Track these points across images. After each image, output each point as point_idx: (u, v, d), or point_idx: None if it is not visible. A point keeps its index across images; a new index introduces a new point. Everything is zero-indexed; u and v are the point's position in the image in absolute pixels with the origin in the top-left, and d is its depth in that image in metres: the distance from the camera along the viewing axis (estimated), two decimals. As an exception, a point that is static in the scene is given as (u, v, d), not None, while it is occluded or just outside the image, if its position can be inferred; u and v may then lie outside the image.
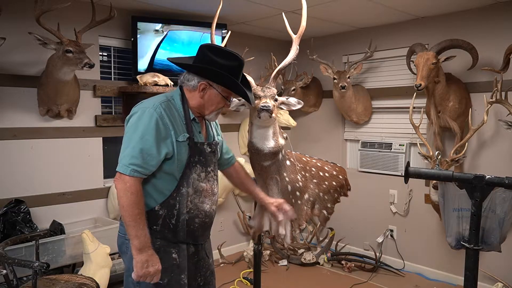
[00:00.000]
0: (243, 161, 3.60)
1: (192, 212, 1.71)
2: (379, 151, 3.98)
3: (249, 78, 1.79)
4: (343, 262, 3.87)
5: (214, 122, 1.91)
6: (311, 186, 2.09)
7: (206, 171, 1.74)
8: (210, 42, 2.00)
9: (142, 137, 1.59)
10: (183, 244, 1.72)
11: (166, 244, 1.69)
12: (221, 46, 1.79)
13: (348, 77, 3.71)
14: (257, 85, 1.80)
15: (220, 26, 3.59)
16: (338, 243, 4.10)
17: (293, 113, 4.15)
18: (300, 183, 1.99)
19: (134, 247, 1.58)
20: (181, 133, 1.66)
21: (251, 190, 2.00)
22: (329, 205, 2.19)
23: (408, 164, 1.77)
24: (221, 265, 3.91)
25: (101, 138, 3.32)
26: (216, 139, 1.85)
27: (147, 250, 1.59)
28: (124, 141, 1.63)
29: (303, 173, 2.05)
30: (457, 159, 3.08)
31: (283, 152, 1.91)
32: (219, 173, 1.91)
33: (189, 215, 1.70)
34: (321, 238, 4.17)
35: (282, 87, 4.09)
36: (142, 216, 1.59)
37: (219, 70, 1.64)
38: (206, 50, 1.68)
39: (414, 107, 3.23)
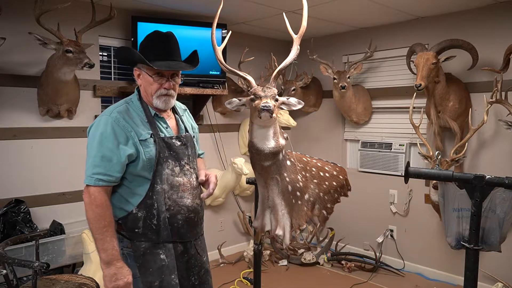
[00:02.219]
0: (243, 161, 3.60)
1: (172, 209, 1.67)
2: (379, 151, 3.98)
3: (249, 77, 1.79)
4: (343, 262, 3.87)
5: (187, 115, 1.92)
6: (312, 186, 2.09)
7: (180, 165, 1.71)
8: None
9: (101, 144, 1.59)
10: (168, 244, 1.67)
11: (151, 246, 1.65)
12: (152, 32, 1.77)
13: (348, 77, 3.71)
14: (258, 85, 1.80)
15: (220, 26, 3.60)
16: (338, 243, 4.10)
17: (293, 113, 4.16)
18: (301, 183, 1.99)
19: (102, 260, 1.56)
20: (143, 131, 1.65)
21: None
22: (329, 205, 2.19)
23: (408, 164, 1.77)
24: (221, 265, 3.91)
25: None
26: (190, 132, 1.84)
27: (115, 263, 1.56)
28: (87, 153, 1.64)
29: (303, 173, 2.05)
30: (457, 159, 3.08)
31: (283, 152, 1.90)
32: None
33: (170, 213, 1.67)
34: (321, 238, 4.17)
35: (282, 87, 4.09)
36: (109, 228, 1.56)
37: (137, 51, 1.67)
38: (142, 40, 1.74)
39: (414, 107, 3.23)
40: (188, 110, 2.00)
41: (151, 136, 1.66)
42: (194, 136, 1.86)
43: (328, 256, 3.97)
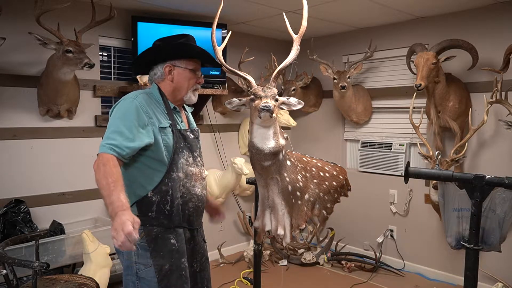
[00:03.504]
0: (243, 161, 3.60)
1: (185, 196, 1.75)
2: (379, 151, 3.98)
3: (249, 77, 1.79)
4: (343, 262, 3.87)
5: (190, 113, 2.00)
6: (312, 186, 2.09)
7: (193, 156, 1.80)
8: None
9: (122, 122, 1.61)
10: (179, 229, 1.75)
11: (163, 231, 1.71)
12: (169, 36, 1.87)
13: (348, 77, 3.71)
14: (258, 85, 1.80)
15: (220, 26, 3.60)
16: (338, 243, 4.10)
17: (293, 113, 4.16)
18: (301, 183, 1.99)
19: (110, 214, 1.46)
20: (163, 120, 1.72)
21: None
22: (328, 205, 2.19)
23: (408, 164, 1.77)
24: (221, 265, 3.91)
25: (101, 138, 3.31)
26: (198, 128, 1.94)
27: (122, 211, 1.41)
28: (106, 129, 1.65)
29: (303, 173, 2.05)
30: (457, 159, 3.08)
31: (283, 152, 1.91)
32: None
33: (183, 200, 1.74)
34: (321, 238, 4.17)
35: (282, 87, 4.09)
36: (118, 182, 1.49)
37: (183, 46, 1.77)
38: (157, 41, 1.82)
39: (414, 107, 3.24)
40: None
41: (169, 126, 1.73)
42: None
43: (328, 256, 3.97)
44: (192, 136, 1.83)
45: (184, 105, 1.94)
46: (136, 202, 1.70)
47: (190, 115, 1.99)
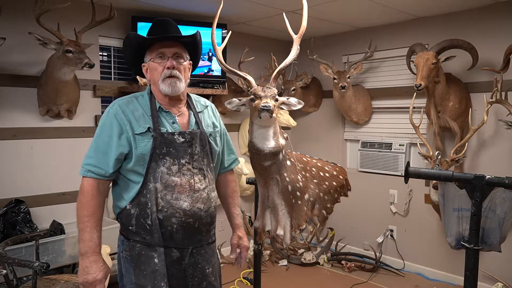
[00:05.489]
0: (243, 161, 3.60)
1: (166, 210, 1.56)
2: (379, 151, 3.98)
3: (249, 77, 1.78)
4: (343, 262, 3.87)
5: (211, 113, 1.82)
6: (312, 186, 2.09)
7: (179, 164, 1.59)
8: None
9: (98, 136, 1.59)
10: (160, 248, 1.56)
11: (146, 248, 1.57)
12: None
13: (348, 77, 3.71)
14: (258, 85, 1.80)
15: (220, 26, 3.59)
16: (338, 243, 4.10)
17: (293, 113, 4.16)
18: (301, 183, 1.99)
19: (79, 252, 1.53)
20: (142, 125, 1.59)
21: (231, 211, 1.94)
22: (328, 205, 2.19)
23: (408, 164, 1.77)
24: (221, 265, 3.90)
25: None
26: (202, 129, 1.70)
27: (89, 256, 1.51)
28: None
29: (303, 173, 2.05)
30: (457, 159, 3.08)
31: (283, 152, 1.91)
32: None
33: (162, 214, 1.56)
34: (321, 238, 4.18)
35: (282, 87, 4.09)
36: (91, 219, 1.52)
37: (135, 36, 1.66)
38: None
39: (414, 107, 3.24)
40: (213, 107, 1.88)
41: (149, 130, 1.58)
42: (210, 135, 1.73)
43: (328, 256, 3.97)
44: (181, 140, 1.60)
45: (193, 102, 1.77)
46: (118, 214, 1.64)
47: (207, 114, 1.79)
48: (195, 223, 1.62)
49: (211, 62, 3.61)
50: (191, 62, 1.74)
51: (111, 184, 1.67)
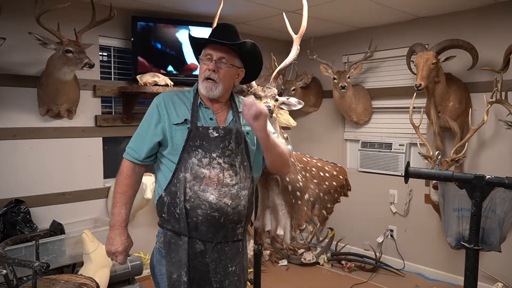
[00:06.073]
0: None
1: (193, 201, 1.58)
2: (379, 151, 3.98)
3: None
4: (343, 262, 3.87)
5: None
6: (312, 186, 2.09)
7: (210, 157, 1.60)
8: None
9: (141, 123, 1.70)
10: (185, 237, 1.59)
11: (175, 237, 1.62)
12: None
13: (348, 77, 3.71)
14: (258, 85, 1.80)
15: (220, 26, 3.59)
16: (338, 243, 4.10)
17: (293, 113, 4.15)
18: (301, 183, 1.99)
19: (109, 222, 1.70)
20: (180, 116, 1.64)
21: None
22: (329, 205, 2.19)
23: (408, 164, 1.77)
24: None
25: (101, 138, 3.32)
26: (240, 127, 1.69)
27: (116, 229, 1.67)
28: None
29: (303, 173, 2.05)
30: (457, 159, 3.08)
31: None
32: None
33: (190, 204, 1.58)
34: (321, 238, 4.17)
35: (282, 87, 4.09)
36: (122, 196, 1.67)
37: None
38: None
39: (414, 107, 3.24)
40: None
41: (185, 122, 1.63)
42: (247, 133, 1.71)
43: (328, 256, 3.97)
44: (215, 135, 1.62)
45: (237, 100, 1.78)
46: (156, 202, 1.69)
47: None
48: (220, 218, 1.60)
49: (211, 62, 3.60)
50: (243, 69, 1.73)
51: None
